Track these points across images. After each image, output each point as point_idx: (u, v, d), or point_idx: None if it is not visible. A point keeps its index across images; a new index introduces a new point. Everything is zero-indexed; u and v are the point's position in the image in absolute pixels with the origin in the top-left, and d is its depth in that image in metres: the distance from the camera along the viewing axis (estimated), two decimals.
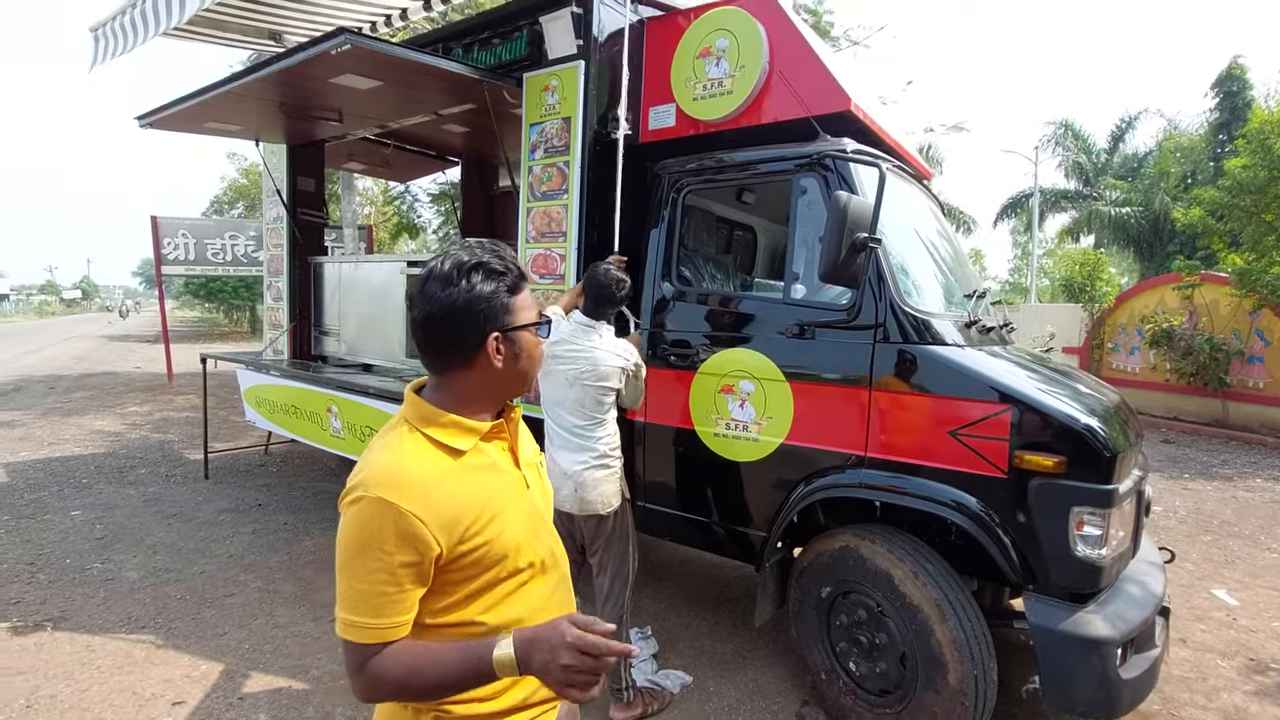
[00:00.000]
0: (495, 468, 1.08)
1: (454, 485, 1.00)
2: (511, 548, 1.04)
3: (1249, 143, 8.11)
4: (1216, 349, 9.00)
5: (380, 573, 0.94)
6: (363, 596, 0.95)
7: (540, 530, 1.13)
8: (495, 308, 1.03)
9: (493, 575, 1.03)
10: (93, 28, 4.39)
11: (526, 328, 1.07)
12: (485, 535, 1.01)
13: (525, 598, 1.08)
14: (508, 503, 1.06)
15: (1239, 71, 19.16)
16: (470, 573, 1.01)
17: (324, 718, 2.60)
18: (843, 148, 2.55)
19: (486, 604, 1.04)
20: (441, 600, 1.01)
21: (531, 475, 1.16)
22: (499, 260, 1.05)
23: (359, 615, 0.96)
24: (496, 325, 1.04)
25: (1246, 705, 2.90)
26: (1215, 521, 5.39)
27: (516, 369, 1.08)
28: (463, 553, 0.99)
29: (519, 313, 1.06)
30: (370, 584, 0.95)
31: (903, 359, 2.36)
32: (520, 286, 1.08)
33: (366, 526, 0.95)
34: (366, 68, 3.16)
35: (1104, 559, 2.09)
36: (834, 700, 2.55)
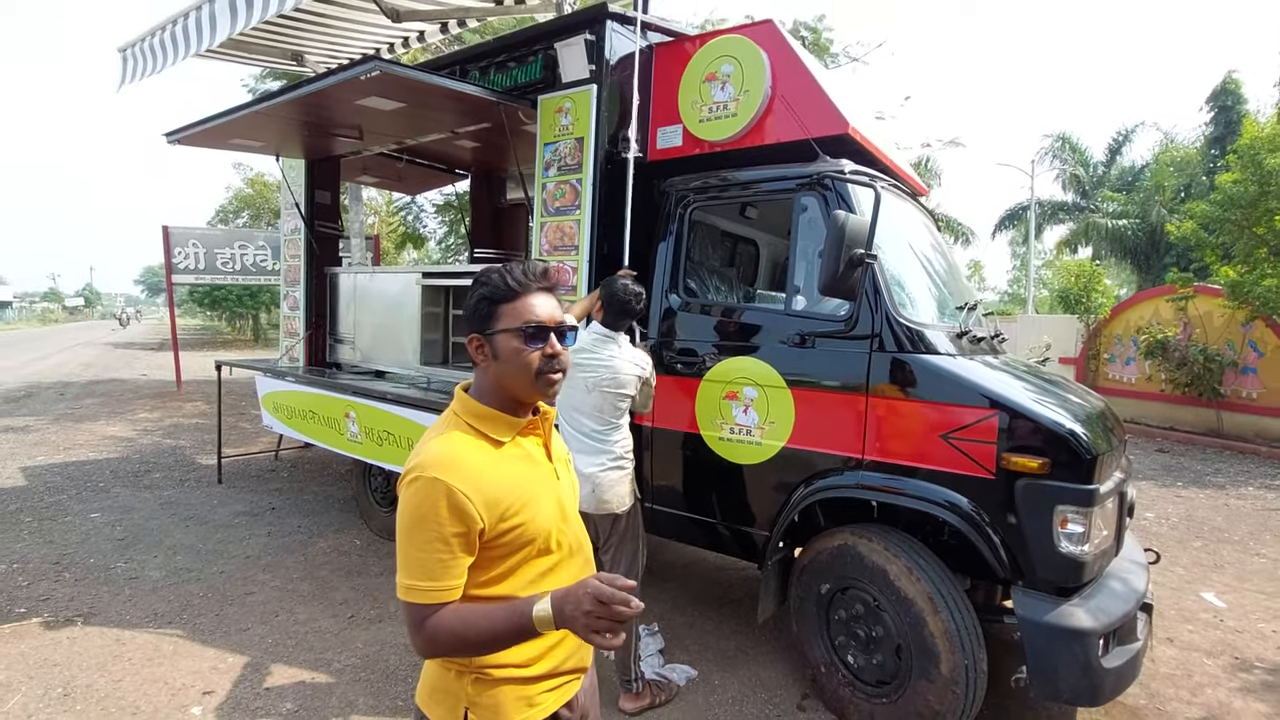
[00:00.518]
0: (531, 459, 1.23)
1: (496, 470, 1.15)
2: (543, 530, 1.18)
3: (1240, 158, 8.29)
4: (1210, 360, 9.14)
5: (435, 541, 1.08)
6: (420, 563, 1.09)
7: (569, 517, 1.27)
8: (479, 315, 1.18)
9: (526, 553, 1.17)
10: (121, 48, 4.56)
11: (502, 333, 1.17)
12: (521, 516, 1.15)
13: (555, 579, 1.21)
14: (541, 491, 1.20)
15: (1233, 86, 19.45)
16: (508, 549, 1.15)
17: (347, 706, 2.73)
18: (841, 169, 2.72)
19: (522, 581, 1.18)
20: (484, 574, 1.15)
21: (561, 469, 1.30)
22: (497, 275, 1.19)
23: (417, 580, 1.09)
24: (476, 328, 1.19)
25: (1230, 701, 3.03)
26: (1206, 528, 5.51)
27: (500, 369, 1.18)
28: (502, 530, 1.13)
29: (499, 320, 1.17)
30: (427, 552, 1.08)
31: (897, 367, 2.51)
32: (515, 295, 1.17)
33: (424, 502, 1.08)
34: (391, 91, 3.33)
35: (1086, 555, 2.23)
36: (833, 692, 2.68)
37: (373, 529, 4.71)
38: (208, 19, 3.62)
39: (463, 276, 4.21)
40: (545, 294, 1.21)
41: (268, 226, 18.79)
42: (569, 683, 1.25)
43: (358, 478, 4.83)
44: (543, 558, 1.20)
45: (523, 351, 1.17)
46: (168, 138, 4.31)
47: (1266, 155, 7.77)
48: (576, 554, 1.27)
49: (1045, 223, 24.97)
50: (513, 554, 1.16)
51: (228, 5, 3.47)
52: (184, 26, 3.82)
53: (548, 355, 1.18)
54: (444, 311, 4.45)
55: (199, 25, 3.70)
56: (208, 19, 3.62)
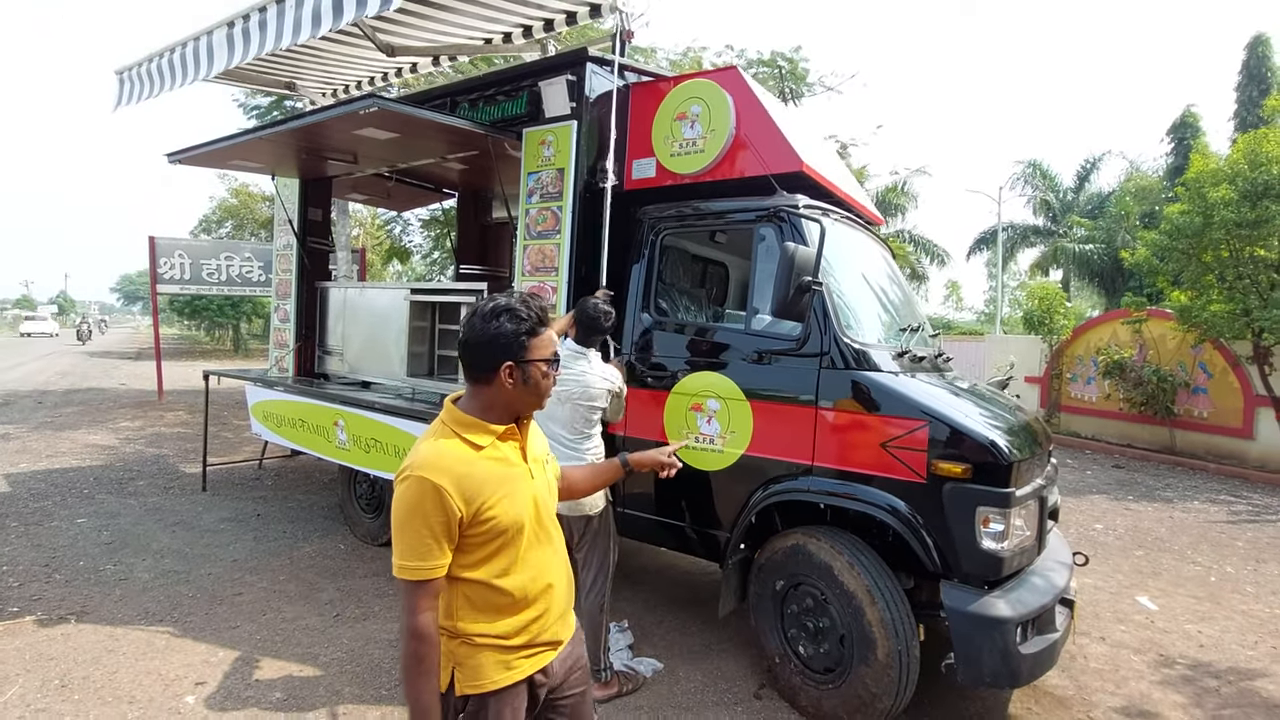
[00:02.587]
0: (507, 461, 1.43)
1: (474, 470, 1.35)
2: (515, 521, 1.38)
3: (1187, 189, 8.80)
4: (1164, 380, 9.62)
5: (422, 528, 1.30)
6: (410, 546, 1.30)
7: (541, 511, 1.47)
8: (512, 345, 1.38)
9: (502, 541, 1.37)
10: (118, 70, 4.75)
11: (535, 363, 1.40)
12: (496, 510, 1.35)
13: (528, 566, 1.42)
14: (515, 487, 1.41)
15: (1192, 120, 20.40)
16: (485, 537, 1.35)
17: (334, 696, 2.91)
18: (795, 203, 3.01)
19: (498, 567, 1.39)
20: (467, 557, 1.36)
21: (537, 469, 1.50)
22: (525, 309, 1.41)
23: (408, 560, 1.31)
24: (510, 357, 1.39)
25: (1150, 692, 3.31)
26: (1149, 538, 5.86)
27: (525, 392, 1.42)
28: (479, 520, 1.34)
29: (531, 350, 1.40)
30: (416, 537, 1.30)
31: (843, 382, 2.79)
32: (539, 330, 1.41)
33: (413, 496, 1.30)
34: (387, 123, 3.58)
35: (1005, 551, 2.51)
36: (786, 681, 2.92)
37: (357, 535, 4.88)
38: (205, 50, 3.82)
39: (449, 293, 4.44)
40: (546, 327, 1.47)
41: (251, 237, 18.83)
42: (544, 653, 1.47)
43: (343, 485, 5.00)
44: (515, 546, 1.40)
45: (548, 377, 1.44)
46: (169, 158, 4.51)
47: (1210, 188, 8.27)
48: (547, 543, 1.48)
49: (1018, 246, 25.79)
50: (490, 541, 1.36)
51: (225, 38, 3.69)
52: (181, 55, 4.02)
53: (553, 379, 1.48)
54: (430, 326, 4.67)
55: (196, 55, 3.90)
56: (205, 50, 3.82)
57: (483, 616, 1.38)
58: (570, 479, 1.79)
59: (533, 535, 1.43)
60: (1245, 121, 18.48)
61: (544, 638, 1.46)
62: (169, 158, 4.53)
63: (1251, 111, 17.96)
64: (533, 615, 1.43)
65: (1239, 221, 7.88)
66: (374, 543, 4.71)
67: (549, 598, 1.47)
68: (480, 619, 1.38)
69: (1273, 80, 19.29)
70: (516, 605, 1.41)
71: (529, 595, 1.42)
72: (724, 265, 4.14)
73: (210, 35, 3.76)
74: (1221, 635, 3.98)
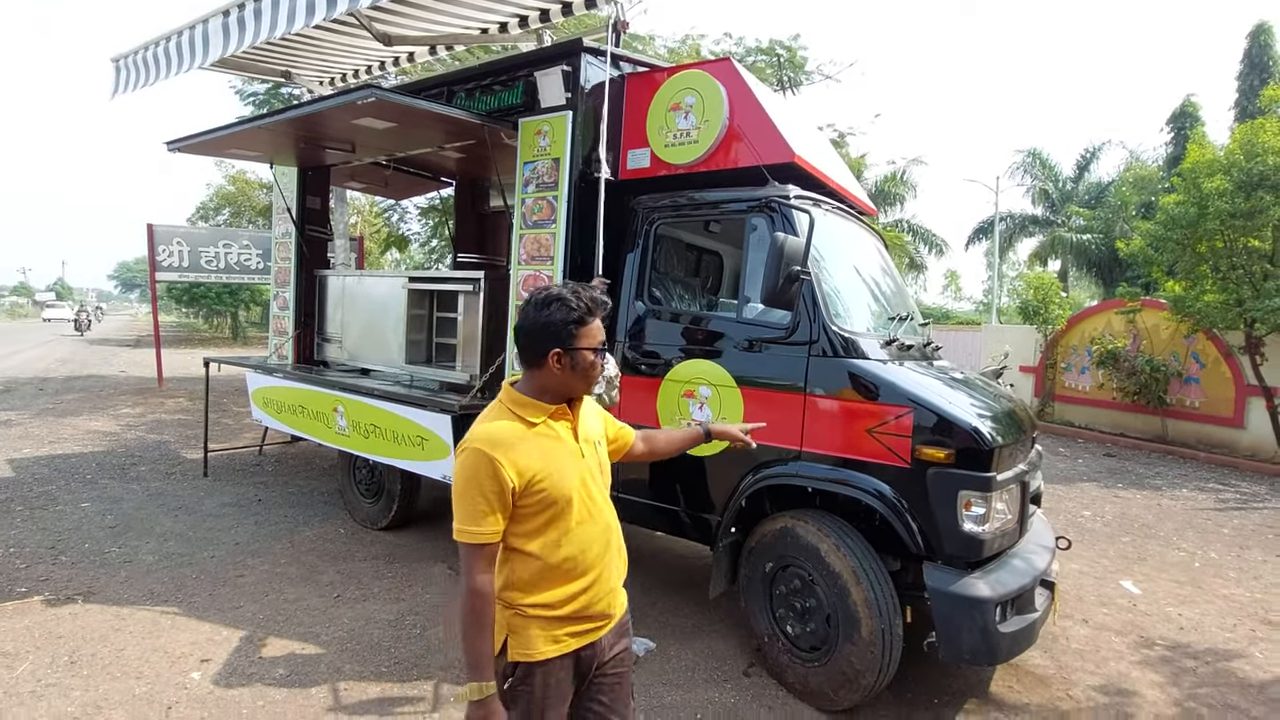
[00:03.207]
0: (558, 438, 1.53)
1: (527, 445, 1.46)
2: (564, 495, 1.48)
3: (1183, 180, 8.83)
4: (1156, 370, 9.70)
5: (478, 496, 1.41)
6: (467, 513, 1.42)
7: (591, 487, 1.56)
8: (561, 333, 1.49)
9: (552, 514, 1.47)
10: (114, 58, 4.76)
11: (582, 350, 1.51)
12: (546, 483, 1.45)
13: (576, 539, 1.51)
14: (564, 463, 1.51)
15: (1192, 109, 20.34)
16: (536, 508, 1.46)
17: (335, 673, 3.00)
18: (786, 194, 3.07)
19: (548, 540, 1.48)
20: (520, 527, 1.47)
21: (588, 449, 1.59)
22: (575, 299, 1.51)
23: (466, 525, 1.42)
24: (559, 345, 1.49)
25: (1128, 672, 3.41)
26: (1136, 525, 5.96)
27: (573, 377, 1.52)
28: (530, 491, 1.44)
29: (580, 339, 1.50)
30: (472, 504, 1.41)
31: (831, 370, 2.85)
32: (587, 320, 1.51)
33: (470, 467, 1.42)
34: (385, 113, 3.62)
35: (986, 534, 2.59)
36: (775, 659, 3.01)
37: (357, 519, 4.96)
38: (201, 38, 3.84)
39: (446, 282, 4.49)
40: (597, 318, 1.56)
41: (249, 225, 18.81)
42: (593, 629, 1.55)
43: (343, 471, 5.08)
44: (565, 520, 1.49)
45: (595, 365, 1.54)
46: (168, 146, 4.54)
47: (1205, 178, 8.30)
48: (598, 520, 1.56)
49: (1016, 236, 25.75)
50: (540, 512, 1.46)
51: (221, 26, 3.70)
52: (177, 43, 4.03)
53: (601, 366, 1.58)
54: (428, 314, 4.72)
55: (192, 43, 3.92)
56: (201, 38, 3.84)
57: (533, 588, 1.48)
58: (654, 441, 1.98)
59: (583, 510, 1.52)
60: (1246, 111, 18.42)
61: (593, 610, 1.54)
62: (168, 146, 4.56)
63: (1252, 101, 17.89)
64: (580, 587, 1.51)
65: (1233, 212, 7.92)
66: (373, 527, 4.79)
67: (596, 572, 1.54)
68: (531, 590, 1.48)
69: (1274, 69, 19.21)
70: (564, 577, 1.49)
71: (577, 568, 1.51)
72: (718, 255, 4.19)
73: (206, 23, 3.77)
74: (1202, 618, 4.08)
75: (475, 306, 4.17)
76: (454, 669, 3.06)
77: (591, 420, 1.66)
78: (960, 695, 3.08)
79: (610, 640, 1.60)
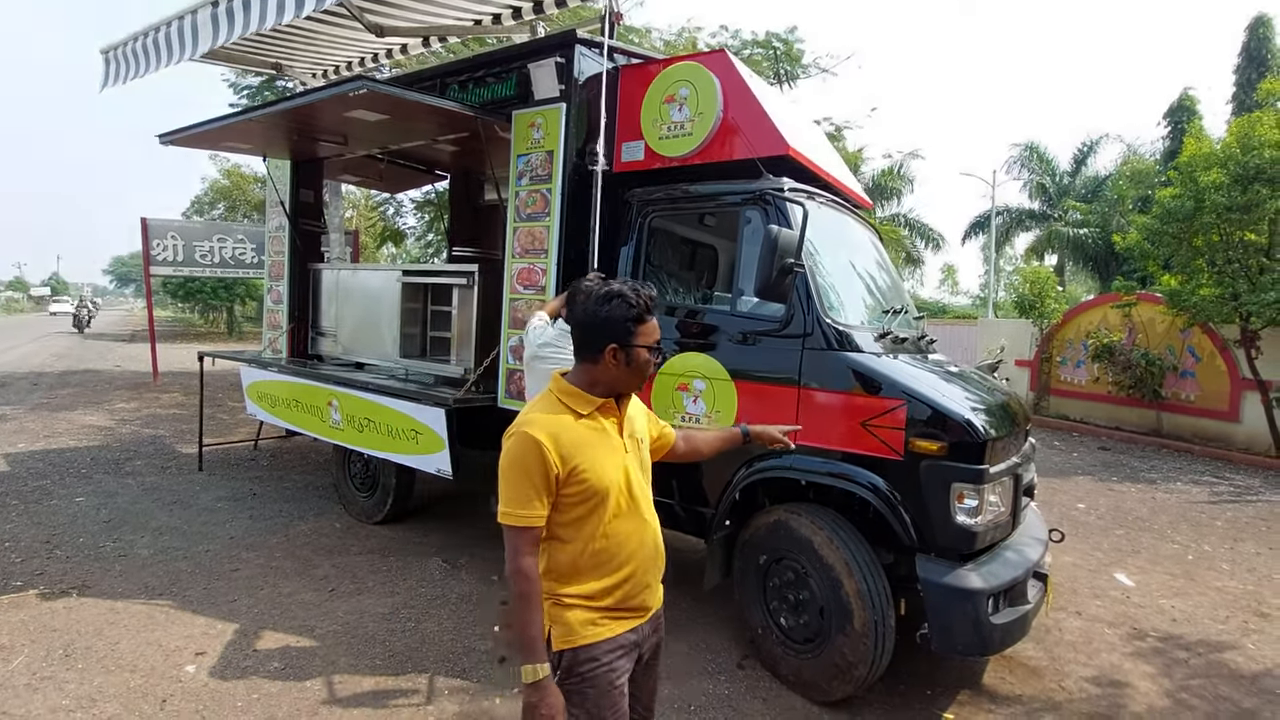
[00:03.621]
0: (604, 431, 1.54)
1: (573, 434, 1.48)
2: (604, 487, 1.49)
3: (1179, 173, 8.83)
4: (1152, 364, 9.72)
5: (523, 479, 1.43)
6: (513, 495, 1.43)
7: (631, 484, 1.56)
8: (619, 329, 1.51)
9: (592, 504, 1.48)
10: (104, 50, 4.73)
11: (639, 347, 1.52)
12: (589, 474, 1.46)
13: (614, 533, 1.52)
14: (607, 455, 1.52)
15: (1189, 103, 20.33)
16: (577, 498, 1.47)
17: (329, 666, 3.01)
18: (780, 186, 3.06)
19: (587, 532, 1.49)
20: (560, 516, 1.48)
21: (631, 446, 1.60)
22: (635, 296, 1.52)
23: (512, 508, 1.43)
24: (616, 340, 1.51)
25: (1121, 663, 3.42)
26: (1131, 518, 5.98)
27: (627, 373, 1.53)
28: (573, 479, 1.45)
29: (637, 336, 1.52)
30: (518, 487, 1.43)
31: (824, 362, 2.85)
32: (646, 318, 1.53)
33: (518, 449, 1.44)
34: (377, 105, 3.59)
35: (978, 526, 2.59)
36: (768, 651, 3.02)
37: (352, 513, 4.96)
38: (190, 30, 3.82)
39: (441, 275, 4.47)
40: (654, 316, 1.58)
41: (244, 219, 18.74)
42: (633, 618, 1.57)
43: (337, 465, 5.07)
44: (603, 512, 1.50)
45: (649, 362, 1.55)
46: (161, 139, 4.51)
47: (1202, 172, 8.30)
48: (636, 516, 1.57)
49: (1013, 230, 25.75)
50: (581, 503, 1.47)
51: (210, 18, 3.68)
52: (166, 35, 4.01)
53: (656, 365, 1.61)
54: (423, 307, 4.71)
55: (181, 35, 3.90)
56: (190, 30, 3.82)
57: (571, 578, 1.49)
58: (695, 441, 1.98)
59: (624, 505, 1.53)
60: (1244, 104, 18.39)
61: (633, 602, 1.56)
62: (161, 139, 4.53)
63: (1250, 95, 17.87)
64: (618, 580, 1.52)
65: (1229, 206, 7.92)
66: (369, 521, 4.79)
67: (633, 566, 1.54)
68: (569, 580, 1.49)
69: (1273, 62, 19.20)
70: (601, 569, 1.51)
71: (613, 560, 1.52)
72: (712, 248, 4.18)
73: (195, 14, 3.75)
74: (1195, 610, 4.10)
75: (470, 300, 4.16)
76: (467, 664, 3.06)
77: (638, 418, 1.68)
78: (953, 686, 3.09)
79: (647, 630, 1.62)
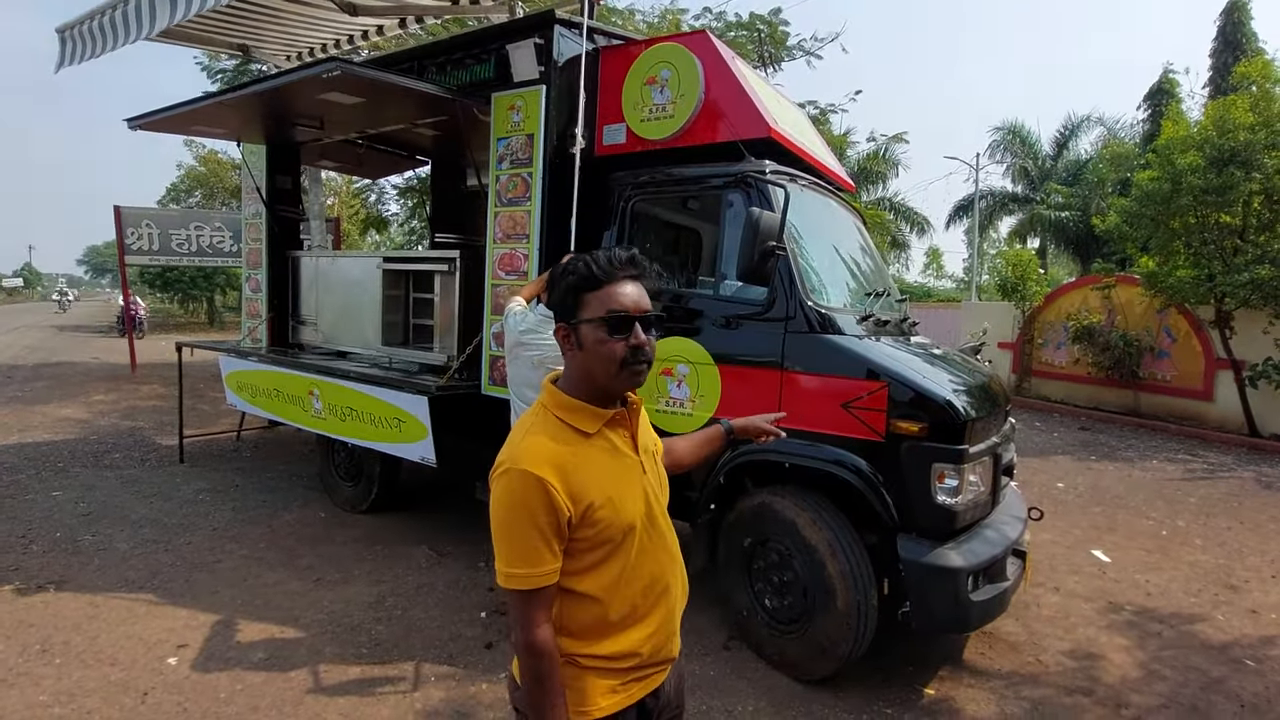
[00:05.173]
0: (617, 451, 1.22)
1: (582, 463, 1.15)
2: (627, 525, 1.18)
3: (1158, 156, 8.91)
4: (1130, 344, 9.87)
5: (530, 529, 1.10)
6: (517, 551, 1.11)
7: (654, 509, 1.26)
8: (566, 304, 1.20)
9: (610, 548, 1.17)
10: (60, 29, 4.57)
11: (584, 323, 1.17)
12: (606, 511, 1.14)
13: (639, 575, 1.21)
14: (627, 484, 1.20)
15: (1169, 85, 20.48)
16: (592, 543, 1.15)
17: (315, 655, 2.99)
18: (762, 169, 3.04)
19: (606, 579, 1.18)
20: (570, 564, 1.15)
21: (648, 462, 1.28)
22: (583, 263, 1.20)
23: (516, 567, 1.11)
24: (564, 318, 1.21)
25: (1096, 637, 3.50)
26: (1108, 495, 6.09)
27: (585, 359, 1.18)
28: (588, 522, 1.14)
29: (584, 309, 1.18)
30: (523, 540, 1.10)
31: (807, 345, 2.86)
32: (598, 284, 1.17)
33: (515, 493, 1.11)
34: (352, 87, 3.52)
35: (958, 505, 2.62)
36: (754, 633, 3.05)
37: (336, 502, 4.92)
38: (147, 6, 3.68)
39: (421, 262, 4.42)
40: (631, 281, 1.19)
41: (222, 206, 18.39)
42: (656, 674, 1.28)
43: (321, 454, 5.03)
44: (626, 553, 1.19)
45: (606, 342, 1.15)
46: (129, 124, 4.39)
47: (1179, 155, 8.38)
48: (661, 548, 1.27)
49: (996, 214, 25.92)
50: (597, 547, 1.16)
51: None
52: (123, 12, 3.87)
53: (633, 346, 1.16)
54: (404, 294, 4.66)
55: (138, 12, 3.76)
56: (147, 6, 3.68)
57: (590, 635, 1.19)
58: (675, 452, 1.59)
59: (645, 538, 1.23)
60: (1220, 88, 18.54)
61: (658, 658, 1.26)
62: (129, 123, 4.41)
63: (1226, 78, 18.05)
64: (646, 633, 1.23)
65: (1205, 188, 8.01)
66: (354, 510, 4.76)
67: (663, 611, 1.26)
68: (587, 639, 1.19)
69: (1248, 46, 19.38)
70: (626, 622, 1.21)
71: (639, 609, 1.22)
72: (696, 232, 4.16)
73: None
74: (1168, 584, 4.20)
75: (451, 287, 4.11)
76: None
77: (646, 426, 1.34)
78: (934, 663, 3.14)
79: (672, 681, 1.34)
